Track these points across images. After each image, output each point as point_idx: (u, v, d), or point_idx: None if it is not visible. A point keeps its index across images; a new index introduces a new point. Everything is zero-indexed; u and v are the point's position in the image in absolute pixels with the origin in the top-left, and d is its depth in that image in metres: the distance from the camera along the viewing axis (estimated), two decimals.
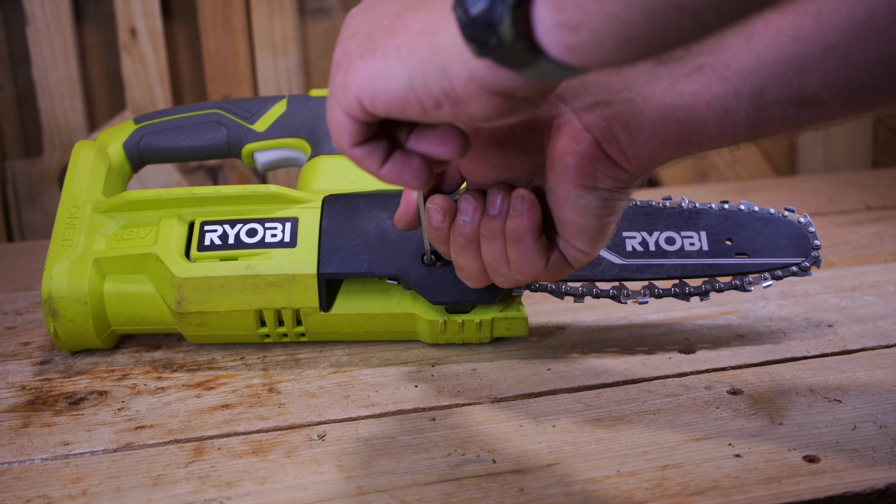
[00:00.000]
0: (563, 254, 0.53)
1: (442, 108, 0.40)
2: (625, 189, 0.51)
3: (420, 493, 0.52)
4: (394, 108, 0.42)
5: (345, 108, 0.44)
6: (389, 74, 0.41)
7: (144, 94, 1.13)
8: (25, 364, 0.70)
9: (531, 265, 0.53)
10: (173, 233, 0.67)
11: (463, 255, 0.55)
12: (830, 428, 0.57)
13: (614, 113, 0.49)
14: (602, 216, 0.51)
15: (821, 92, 0.46)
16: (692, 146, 0.49)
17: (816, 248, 0.67)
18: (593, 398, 0.62)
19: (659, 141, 0.49)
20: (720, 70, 0.48)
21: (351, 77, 0.43)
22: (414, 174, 0.46)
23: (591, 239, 0.52)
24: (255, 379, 0.66)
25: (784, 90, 0.47)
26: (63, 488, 0.53)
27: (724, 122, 0.48)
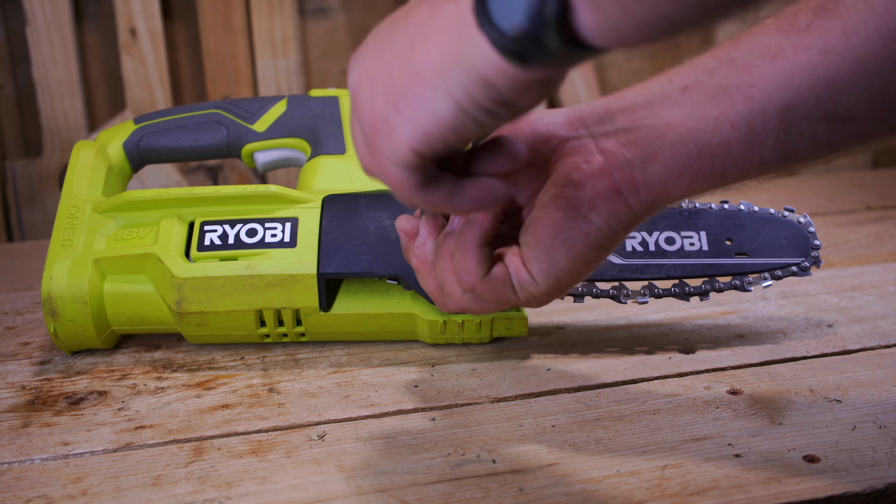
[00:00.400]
0: (510, 273, 0.49)
1: (498, 115, 0.40)
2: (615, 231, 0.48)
3: (420, 493, 0.52)
4: (451, 138, 0.40)
5: (397, 165, 0.42)
6: (435, 110, 0.40)
7: (144, 94, 1.13)
8: (25, 364, 0.70)
9: (469, 271, 0.49)
10: (173, 233, 0.67)
11: (420, 275, 0.53)
12: (830, 428, 0.57)
13: (633, 139, 0.47)
14: (576, 251, 0.47)
15: (853, 107, 0.44)
16: (714, 174, 0.46)
17: (816, 247, 0.67)
18: (593, 398, 0.62)
19: (677, 167, 0.46)
20: (745, 89, 0.45)
21: (395, 134, 0.41)
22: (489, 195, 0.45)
23: (549, 270, 0.48)
24: (255, 379, 0.66)
25: (814, 106, 0.44)
26: (63, 488, 0.53)
27: (750, 143, 0.45)
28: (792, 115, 0.45)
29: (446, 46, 0.38)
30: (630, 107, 0.48)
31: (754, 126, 0.45)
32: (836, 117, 0.44)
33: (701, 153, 0.46)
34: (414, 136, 0.41)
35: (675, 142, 0.46)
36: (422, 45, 0.39)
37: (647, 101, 0.48)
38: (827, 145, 0.46)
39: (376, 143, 0.42)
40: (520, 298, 0.50)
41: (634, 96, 0.49)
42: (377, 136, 0.42)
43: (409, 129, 0.41)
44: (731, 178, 0.47)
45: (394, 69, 0.41)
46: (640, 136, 0.47)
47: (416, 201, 0.44)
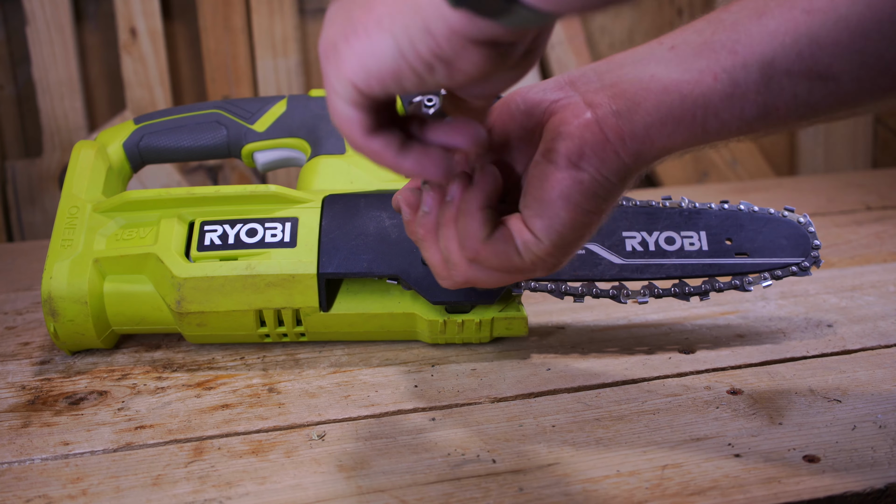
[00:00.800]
0: (513, 234, 0.49)
1: (435, 71, 0.40)
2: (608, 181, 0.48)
3: (420, 493, 0.52)
4: (389, 82, 0.41)
5: (344, 99, 0.43)
6: (377, 48, 0.41)
7: (144, 94, 1.13)
8: (25, 364, 0.70)
9: (472, 237, 0.49)
10: (173, 233, 0.67)
11: (424, 248, 0.53)
12: (830, 428, 0.57)
13: (619, 90, 0.48)
14: (574, 202, 0.48)
15: (833, 65, 0.45)
16: (695, 124, 0.47)
17: (816, 247, 0.67)
18: (593, 398, 0.62)
19: (660, 115, 0.47)
20: (730, 45, 0.47)
21: (341, 63, 0.42)
22: (436, 164, 0.45)
23: (550, 224, 0.48)
24: (255, 379, 0.66)
25: (795, 61, 0.46)
26: (63, 488, 0.53)
27: (731, 95, 0.46)
28: (773, 69, 0.46)
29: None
30: (618, 66, 0.50)
31: (736, 78, 0.46)
32: (816, 74, 0.46)
33: (683, 102, 0.47)
34: (355, 69, 0.42)
35: (658, 91, 0.47)
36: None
37: (635, 60, 0.49)
38: (807, 104, 0.47)
39: (326, 71, 0.44)
40: (525, 261, 0.50)
41: (623, 58, 0.50)
42: (327, 63, 0.43)
43: (353, 61, 0.42)
44: (713, 130, 0.48)
45: (356, 2, 0.42)
46: (626, 88, 0.48)
47: (362, 147, 0.45)
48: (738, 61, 0.46)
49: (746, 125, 0.47)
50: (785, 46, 0.46)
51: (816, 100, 0.46)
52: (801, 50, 0.45)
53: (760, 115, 0.47)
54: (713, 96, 0.47)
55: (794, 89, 0.46)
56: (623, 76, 0.49)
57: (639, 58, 0.49)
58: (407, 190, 0.53)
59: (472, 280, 0.52)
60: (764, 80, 0.46)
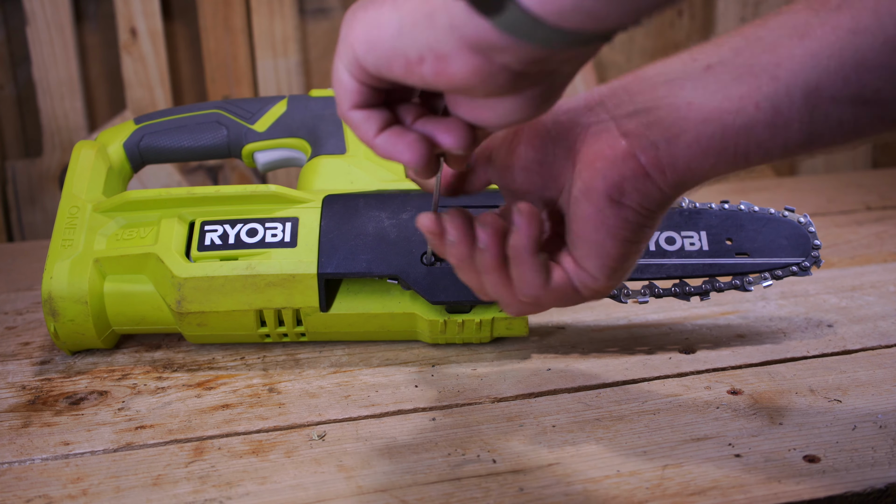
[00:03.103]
0: (570, 276, 0.49)
1: (424, 64, 0.40)
2: (652, 211, 0.47)
3: (420, 492, 0.52)
4: (382, 62, 0.41)
5: (345, 64, 0.43)
6: (383, 21, 0.41)
7: (144, 94, 1.13)
8: (25, 364, 0.70)
9: (530, 284, 0.48)
10: (173, 233, 0.67)
11: (461, 273, 0.51)
12: (830, 428, 0.57)
13: (655, 119, 0.46)
14: (621, 238, 0.47)
15: (882, 89, 0.43)
16: (738, 155, 0.45)
17: (816, 247, 0.67)
18: (593, 398, 0.62)
19: (701, 148, 0.45)
20: (771, 69, 0.44)
21: (350, 29, 0.43)
22: (408, 146, 0.44)
23: (603, 263, 0.48)
24: (255, 379, 0.66)
25: (841, 87, 0.43)
26: (63, 488, 0.53)
27: (775, 124, 0.44)
28: (818, 97, 0.44)
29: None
30: (650, 86, 0.47)
31: (779, 108, 0.44)
32: (863, 100, 0.43)
33: (725, 134, 0.45)
34: (358, 36, 0.42)
35: (697, 122, 0.45)
36: None
37: (667, 80, 0.47)
38: (854, 129, 0.44)
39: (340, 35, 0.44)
40: (584, 296, 0.50)
41: (654, 75, 0.48)
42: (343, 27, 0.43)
43: (360, 28, 0.42)
44: (756, 159, 0.46)
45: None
46: (662, 116, 0.46)
47: (344, 115, 0.45)
48: (781, 88, 0.44)
49: (789, 152, 0.46)
50: (830, 72, 0.43)
51: (863, 125, 0.44)
52: (848, 75, 0.43)
53: (805, 142, 0.45)
54: (756, 126, 0.45)
55: (839, 116, 0.44)
56: (658, 100, 0.47)
57: (671, 76, 0.47)
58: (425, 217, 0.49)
59: (525, 312, 0.52)
60: (808, 109, 0.44)
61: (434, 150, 0.46)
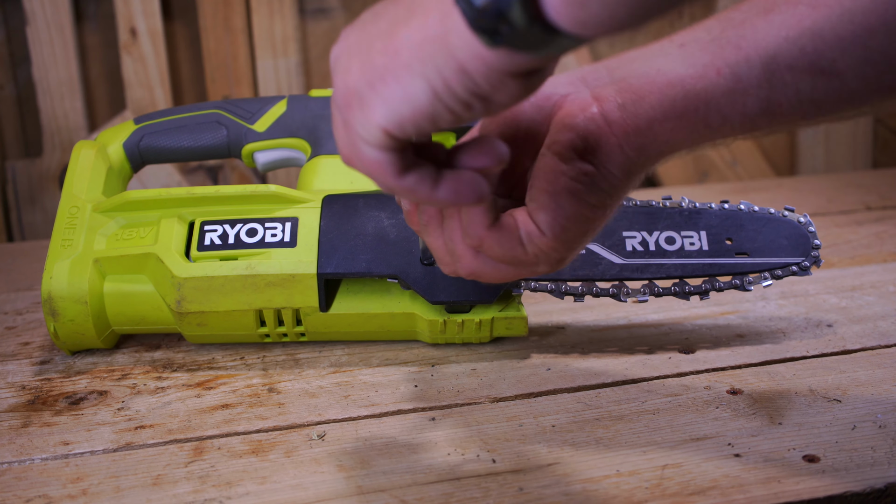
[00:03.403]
0: (518, 224, 0.48)
1: (473, 108, 0.39)
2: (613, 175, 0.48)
3: (420, 492, 0.52)
4: (424, 124, 0.40)
5: (375, 145, 0.42)
6: (410, 93, 0.39)
7: (144, 94, 1.13)
8: (25, 364, 0.70)
9: (476, 222, 0.48)
10: (173, 233, 0.67)
11: (427, 233, 0.52)
12: (830, 428, 0.57)
13: (626, 85, 0.49)
14: (577, 194, 0.47)
15: (837, 60, 0.45)
16: (698, 119, 0.47)
17: (816, 247, 0.67)
18: (593, 398, 0.62)
19: (662, 108, 0.47)
20: (735, 41, 0.47)
21: (369, 112, 0.41)
22: (472, 189, 0.44)
23: (554, 219, 0.47)
24: (255, 379, 0.66)
25: (798, 56, 0.45)
26: (63, 488, 0.53)
27: (734, 90, 0.46)
28: (775, 64, 0.46)
29: (428, 28, 0.38)
30: (628, 62, 0.50)
31: (738, 73, 0.46)
32: (819, 69, 0.45)
33: (686, 97, 0.47)
34: (387, 116, 0.40)
35: (662, 85, 0.47)
36: (405, 25, 0.39)
37: (645, 57, 0.50)
38: (811, 100, 0.46)
39: (349, 119, 0.42)
40: (528, 253, 0.49)
41: (635, 54, 0.51)
42: (350, 112, 0.42)
43: (383, 108, 0.40)
44: (715, 125, 0.47)
45: (373, 46, 0.41)
46: (633, 83, 0.48)
47: (395, 187, 0.44)
48: (742, 56, 0.46)
49: (749, 121, 0.47)
50: (788, 41, 0.46)
51: (820, 96, 0.46)
52: (804, 45, 0.45)
53: (763, 110, 0.47)
54: (716, 91, 0.47)
55: (796, 85, 0.46)
56: (632, 71, 0.49)
57: (649, 55, 0.50)
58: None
59: (477, 272, 0.51)
60: (766, 75, 0.46)
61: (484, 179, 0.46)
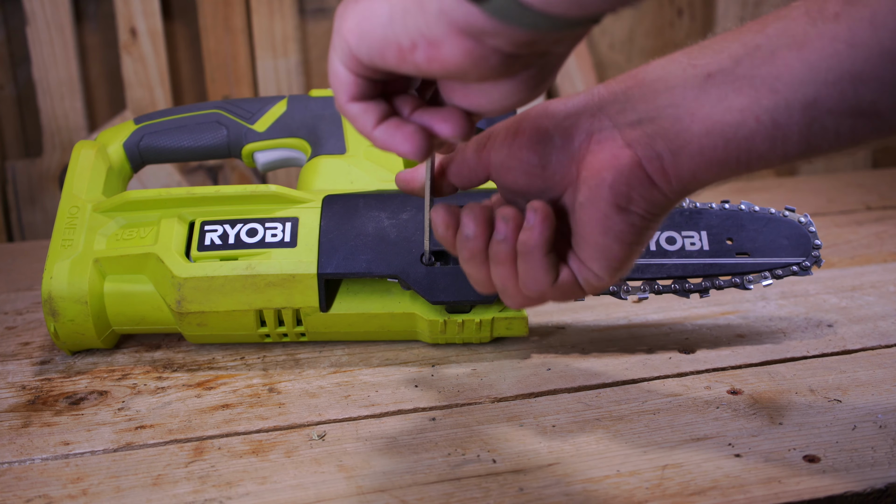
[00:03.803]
0: (576, 275, 0.50)
1: (417, 51, 0.40)
2: (657, 216, 0.49)
3: (420, 492, 0.52)
4: (375, 51, 0.42)
5: (339, 56, 0.44)
6: (374, 11, 0.41)
7: (144, 94, 1.13)
8: (25, 364, 0.70)
9: (538, 281, 0.50)
10: (173, 233, 0.67)
11: (469, 266, 0.53)
12: (830, 428, 0.57)
13: (659, 129, 0.47)
14: (627, 242, 0.49)
15: (877, 101, 0.44)
16: (740, 165, 0.47)
17: (817, 247, 0.67)
18: (593, 398, 0.62)
19: (704, 159, 0.46)
20: (770, 82, 0.45)
21: (343, 21, 0.43)
22: (407, 138, 0.45)
23: (609, 264, 0.49)
24: (255, 379, 0.66)
25: (838, 100, 0.44)
26: (63, 488, 0.53)
27: (774, 137, 0.45)
28: (816, 110, 0.44)
29: None
30: (651, 93, 0.48)
31: (778, 121, 0.45)
32: (860, 112, 0.44)
33: (727, 147, 0.46)
34: (351, 28, 0.42)
35: (700, 134, 0.46)
36: None
37: (668, 88, 0.48)
38: (850, 139, 0.45)
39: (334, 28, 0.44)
40: (586, 292, 0.52)
41: (654, 80, 0.48)
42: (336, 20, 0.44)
43: (352, 20, 0.42)
44: (756, 167, 0.47)
45: None
46: (666, 127, 0.47)
47: (340, 106, 0.46)
48: (781, 101, 0.45)
49: (788, 160, 0.47)
50: (827, 85, 0.44)
51: (860, 135, 0.45)
52: (844, 89, 0.44)
53: (803, 152, 0.46)
54: (756, 139, 0.46)
55: (836, 128, 0.45)
56: (660, 110, 0.47)
57: (671, 83, 0.47)
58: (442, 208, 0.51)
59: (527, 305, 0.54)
60: (806, 121, 0.45)
61: (432, 141, 0.46)
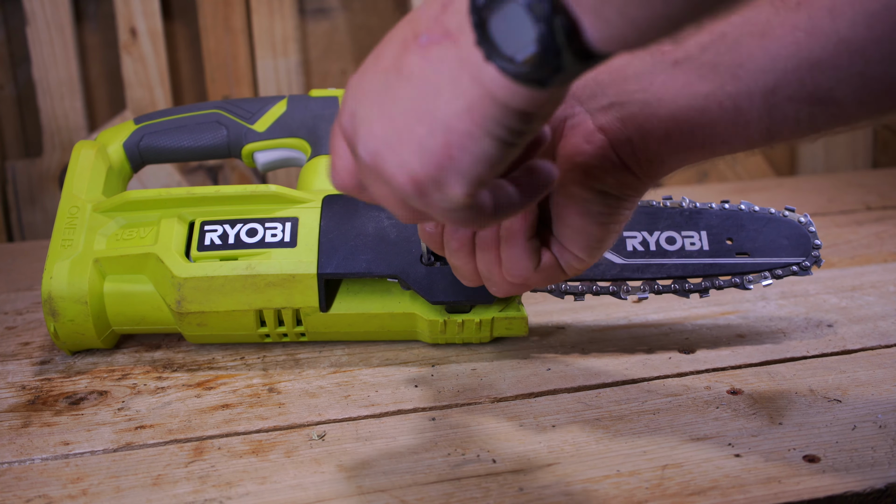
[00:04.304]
0: (557, 258, 0.52)
1: (535, 129, 0.39)
2: (631, 197, 0.50)
3: (420, 493, 0.52)
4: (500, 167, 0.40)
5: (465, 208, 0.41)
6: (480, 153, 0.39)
7: (144, 94, 1.13)
8: (25, 364, 0.70)
9: (521, 266, 0.51)
10: (173, 233, 0.67)
11: (457, 257, 0.54)
12: (830, 428, 0.57)
13: (628, 114, 0.49)
14: (604, 222, 0.50)
15: (834, 89, 0.45)
16: (705, 150, 0.48)
17: (817, 247, 0.67)
18: (593, 398, 0.62)
19: (670, 143, 0.48)
20: (733, 69, 0.47)
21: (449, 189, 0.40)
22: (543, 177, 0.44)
23: (588, 245, 0.51)
24: (255, 379, 0.66)
25: (797, 88, 0.46)
26: (63, 488, 0.53)
27: (736, 122, 0.47)
28: (776, 97, 0.46)
29: (467, 94, 0.37)
30: (621, 79, 0.49)
31: (740, 106, 0.47)
32: (818, 99, 0.46)
33: (693, 131, 0.48)
34: (469, 183, 0.40)
35: (667, 119, 0.48)
36: (439, 100, 0.38)
37: (637, 73, 0.49)
38: (810, 126, 0.47)
39: (428, 201, 0.41)
40: (568, 274, 0.53)
41: (624, 66, 0.50)
42: (427, 197, 0.41)
43: (462, 180, 0.40)
44: (721, 151, 0.49)
45: (418, 134, 0.39)
46: (635, 112, 0.48)
47: (490, 224, 0.44)
48: (742, 88, 0.46)
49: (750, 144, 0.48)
50: (787, 73, 0.45)
51: (818, 122, 0.47)
52: (803, 76, 0.45)
53: (763, 137, 0.47)
54: (719, 124, 0.47)
55: (795, 115, 0.46)
56: (629, 94, 0.49)
57: (640, 70, 0.49)
58: None
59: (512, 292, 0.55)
60: (766, 108, 0.46)
61: None
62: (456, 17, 0.37)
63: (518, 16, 0.34)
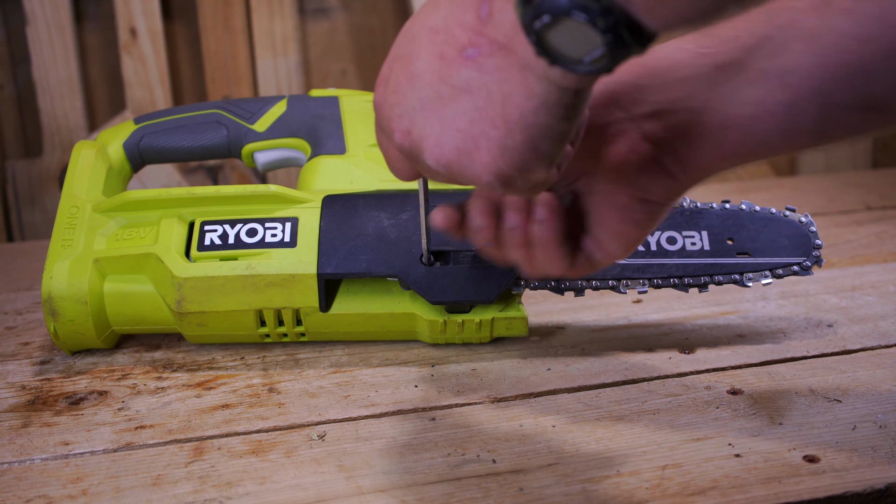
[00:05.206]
0: (591, 255, 0.52)
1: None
2: (672, 202, 0.50)
3: (420, 493, 0.52)
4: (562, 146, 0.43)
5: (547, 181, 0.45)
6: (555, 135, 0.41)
7: (144, 94, 1.13)
8: (25, 364, 0.70)
9: (556, 267, 0.51)
10: (173, 233, 0.67)
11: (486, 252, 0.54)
12: (830, 428, 0.57)
13: (675, 123, 0.48)
14: (643, 227, 0.50)
15: (887, 96, 0.45)
16: (753, 155, 0.48)
17: (817, 247, 0.67)
18: (593, 398, 0.62)
19: (720, 151, 0.48)
20: (783, 76, 0.46)
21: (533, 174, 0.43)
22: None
23: (623, 245, 0.51)
24: (255, 379, 0.66)
25: (849, 96, 0.45)
26: (63, 488, 0.53)
27: (787, 130, 0.46)
28: (828, 105, 0.45)
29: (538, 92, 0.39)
30: (663, 84, 0.49)
31: (792, 115, 0.46)
32: (869, 106, 0.45)
33: (743, 139, 0.47)
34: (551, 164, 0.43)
35: (716, 128, 0.47)
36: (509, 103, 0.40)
37: (679, 78, 0.48)
38: (860, 131, 0.47)
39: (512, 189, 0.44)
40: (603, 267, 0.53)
41: (664, 70, 0.49)
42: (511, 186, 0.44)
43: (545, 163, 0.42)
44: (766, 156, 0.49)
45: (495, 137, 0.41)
46: (682, 121, 0.48)
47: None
48: (794, 97, 0.46)
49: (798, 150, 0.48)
50: (839, 81, 0.45)
51: (869, 127, 0.46)
52: (855, 83, 0.45)
53: (813, 142, 0.47)
54: (770, 133, 0.47)
55: (847, 121, 0.46)
56: (674, 103, 0.48)
57: (682, 73, 0.48)
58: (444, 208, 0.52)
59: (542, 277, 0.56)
60: (819, 116, 0.46)
61: None
62: (502, 30, 0.39)
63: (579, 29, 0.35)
